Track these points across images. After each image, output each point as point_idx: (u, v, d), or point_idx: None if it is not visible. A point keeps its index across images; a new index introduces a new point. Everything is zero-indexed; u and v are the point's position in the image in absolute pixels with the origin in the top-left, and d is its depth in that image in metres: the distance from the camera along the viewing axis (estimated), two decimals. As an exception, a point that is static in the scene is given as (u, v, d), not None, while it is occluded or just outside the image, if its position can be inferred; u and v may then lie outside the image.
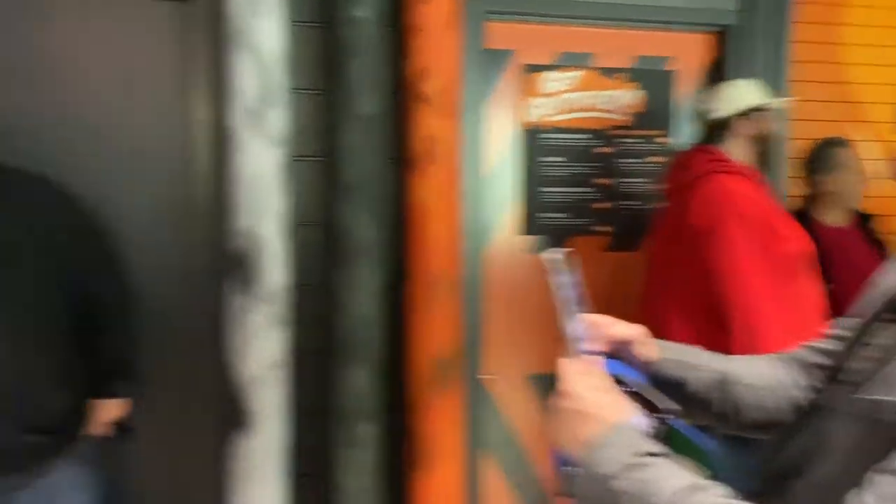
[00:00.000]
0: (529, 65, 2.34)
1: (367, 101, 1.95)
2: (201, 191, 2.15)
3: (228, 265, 2.01)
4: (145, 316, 2.07)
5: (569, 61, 2.37)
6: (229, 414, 2.04)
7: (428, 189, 2.02)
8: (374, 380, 2.01)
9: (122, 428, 1.97)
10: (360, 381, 1.99)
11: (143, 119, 2.14)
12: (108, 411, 1.92)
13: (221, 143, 2.03)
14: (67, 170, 1.96)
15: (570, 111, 2.38)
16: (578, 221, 2.41)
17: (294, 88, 2.06)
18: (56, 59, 2.08)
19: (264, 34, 1.96)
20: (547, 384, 1.54)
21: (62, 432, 1.82)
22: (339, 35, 1.96)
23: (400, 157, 2.08)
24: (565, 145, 2.38)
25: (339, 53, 1.96)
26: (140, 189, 2.15)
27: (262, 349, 2.00)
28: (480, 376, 2.29)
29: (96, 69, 2.11)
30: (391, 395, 2.07)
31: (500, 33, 2.29)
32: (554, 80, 2.36)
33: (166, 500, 2.21)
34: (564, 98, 2.38)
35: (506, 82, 2.33)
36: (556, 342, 0.98)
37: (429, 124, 1.99)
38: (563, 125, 2.37)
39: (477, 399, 2.27)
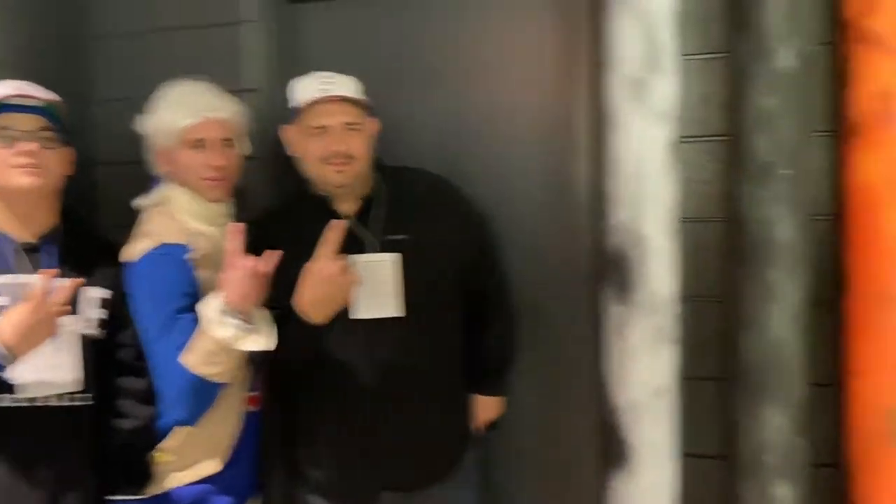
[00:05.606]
0: None
1: (786, 51, 1.47)
2: (581, 179, 1.91)
3: (604, 267, 1.69)
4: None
5: None
6: (604, 446, 1.71)
7: (877, 167, 1.46)
8: (795, 425, 1.50)
9: (492, 426, 1.88)
10: (773, 425, 1.50)
11: (519, 104, 1.97)
12: (491, 409, 1.86)
13: (600, 123, 1.74)
14: (447, 165, 1.89)
15: None
16: None
17: (685, 54, 1.66)
18: (435, 52, 2.00)
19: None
20: None
21: (458, 439, 1.77)
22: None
23: (833, 126, 1.54)
24: None
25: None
26: (514, 178, 1.98)
27: (642, 371, 1.63)
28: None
29: (475, 58, 1.99)
30: (818, 447, 1.55)
31: None
32: None
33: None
34: None
35: None
36: None
37: (881, 75, 1.43)
38: None
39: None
